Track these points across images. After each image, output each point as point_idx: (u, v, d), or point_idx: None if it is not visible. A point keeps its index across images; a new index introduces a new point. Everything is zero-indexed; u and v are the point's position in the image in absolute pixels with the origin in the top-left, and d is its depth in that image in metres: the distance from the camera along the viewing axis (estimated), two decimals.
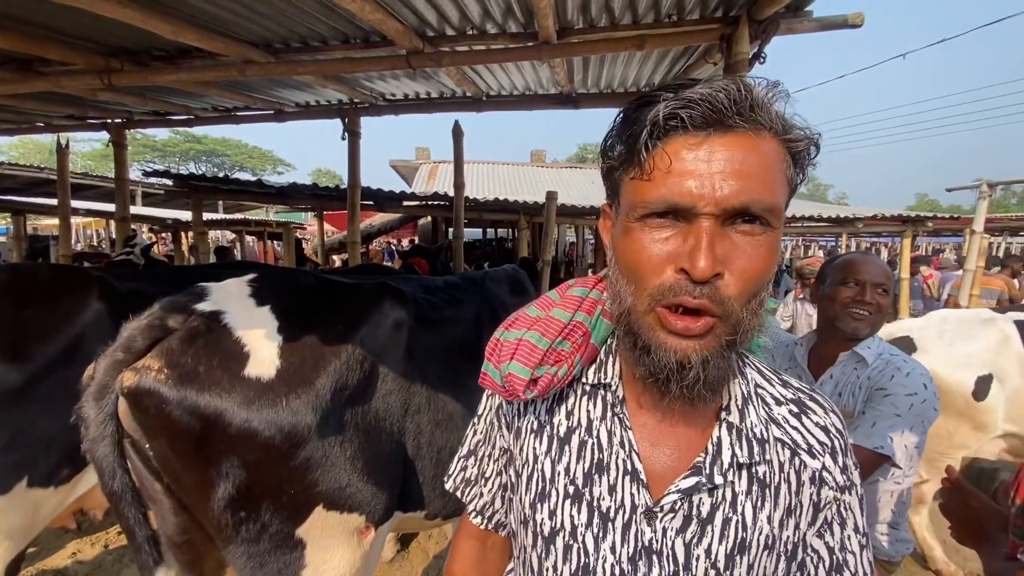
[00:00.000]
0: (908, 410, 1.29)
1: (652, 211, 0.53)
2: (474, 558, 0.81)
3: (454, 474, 0.80)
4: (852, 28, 2.15)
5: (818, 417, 0.64)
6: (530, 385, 0.63)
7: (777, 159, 0.52)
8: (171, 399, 1.07)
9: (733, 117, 0.50)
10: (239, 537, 1.18)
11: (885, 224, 7.64)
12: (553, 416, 0.68)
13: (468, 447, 0.79)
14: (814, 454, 0.62)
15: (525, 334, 0.66)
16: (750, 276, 0.52)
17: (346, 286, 1.45)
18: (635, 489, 0.60)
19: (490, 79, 3.47)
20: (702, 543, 0.58)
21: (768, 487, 0.60)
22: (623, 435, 0.62)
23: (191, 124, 4.48)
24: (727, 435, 0.60)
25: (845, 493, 0.62)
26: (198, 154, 38.56)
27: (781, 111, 0.54)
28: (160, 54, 2.92)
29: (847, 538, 0.62)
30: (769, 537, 0.59)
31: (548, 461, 0.66)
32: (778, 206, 0.52)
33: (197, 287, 1.25)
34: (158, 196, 10.80)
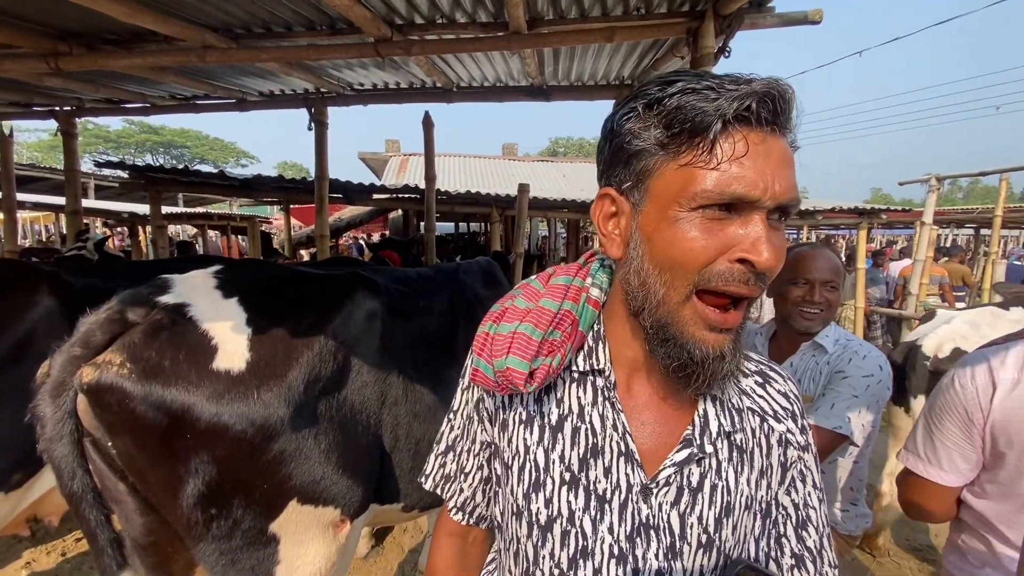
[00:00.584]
0: (865, 391, 1.35)
1: (714, 201, 0.52)
2: (456, 555, 0.81)
3: (432, 472, 0.79)
4: (812, 24, 2.22)
5: (779, 385, 0.70)
6: (529, 378, 0.63)
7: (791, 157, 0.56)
8: (135, 394, 1.03)
9: (788, 118, 0.54)
10: (210, 535, 1.15)
11: (843, 216, 7.94)
12: (543, 405, 0.68)
13: (445, 443, 0.78)
14: (779, 419, 0.67)
15: (518, 327, 0.65)
16: (776, 265, 0.53)
17: (317, 276, 1.43)
18: (630, 469, 0.62)
19: (460, 70, 3.44)
20: (695, 511, 0.62)
21: (744, 452, 0.64)
22: (615, 418, 0.64)
23: (147, 113, 4.28)
24: (712, 407, 0.65)
25: (806, 452, 0.67)
26: (155, 145, 36.91)
27: None
28: (112, 37, 2.78)
29: (808, 494, 0.67)
30: (748, 498, 0.63)
31: (541, 451, 0.66)
32: (799, 205, 0.56)
33: (159, 279, 1.21)
34: (113, 189, 10.31)
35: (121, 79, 3.58)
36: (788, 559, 0.65)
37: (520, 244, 3.82)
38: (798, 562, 0.65)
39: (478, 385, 0.70)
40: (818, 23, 2.20)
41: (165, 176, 4.97)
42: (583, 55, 3.13)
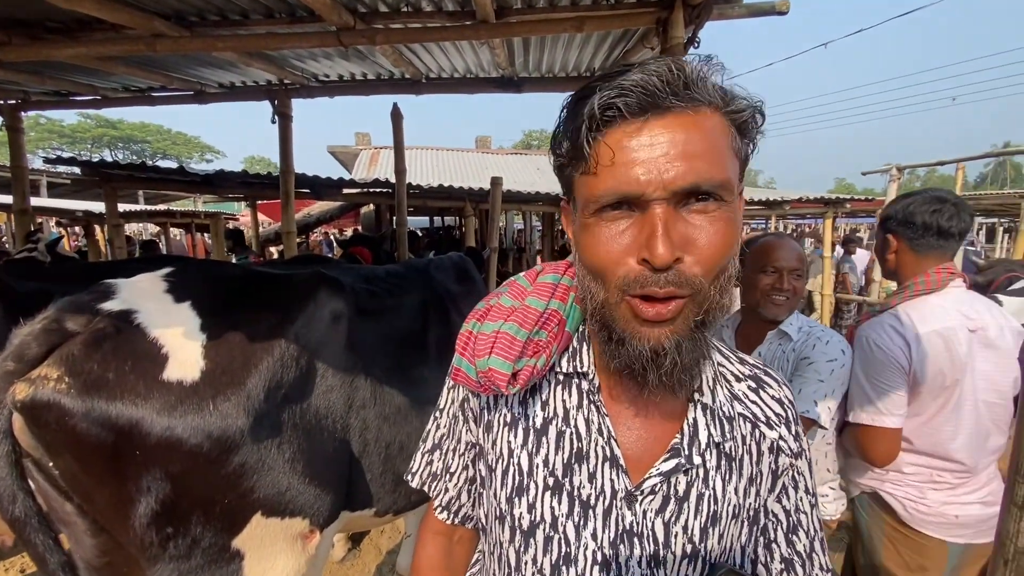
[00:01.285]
0: (830, 375, 1.38)
1: (604, 204, 0.52)
2: (441, 554, 0.79)
3: (419, 469, 0.78)
4: (779, 15, 2.23)
5: (773, 391, 0.67)
6: (512, 380, 0.62)
7: (721, 133, 0.52)
8: (75, 411, 0.95)
9: (668, 98, 0.50)
10: (167, 555, 1.08)
11: (809, 207, 8.16)
12: (528, 408, 0.66)
13: (432, 441, 0.77)
14: (771, 425, 0.65)
15: (502, 326, 0.64)
16: (712, 253, 0.51)
17: (277, 277, 1.36)
18: (615, 475, 0.61)
19: (429, 60, 3.35)
20: (680, 520, 0.60)
21: (734, 460, 0.63)
22: (601, 422, 0.62)
23: (98, 105, 4.05)
24: (702, 416, 0.62)
25: (798, 459, 0.66)
26: (113, 140, 35.38)
27: (718, 84, 0.53)
28: (56, 26, 2.61)
29: (800, 500, 0.66)
30: (736, 507, 0.62)
31: (525, 454, 0.65)
32: (728, 180, 0.51)
33: (102, 284, 1.13)
34: (67, 187, 9.82)
35: (69, 70, 3.37)
36: (777, 564, 0.65)
37: (494, 238, 3.78)
38: (787, 566, 0.65)
39: (461, 385, 0.69)
40: (785, 13, 2.21)
41: (120, 172, 4.73)
42: (553, 46, 3.09)
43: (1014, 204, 9.64)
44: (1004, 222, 16.03)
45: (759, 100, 0.55)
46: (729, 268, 0.54)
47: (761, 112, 0.55)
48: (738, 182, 0.55)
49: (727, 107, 0.53)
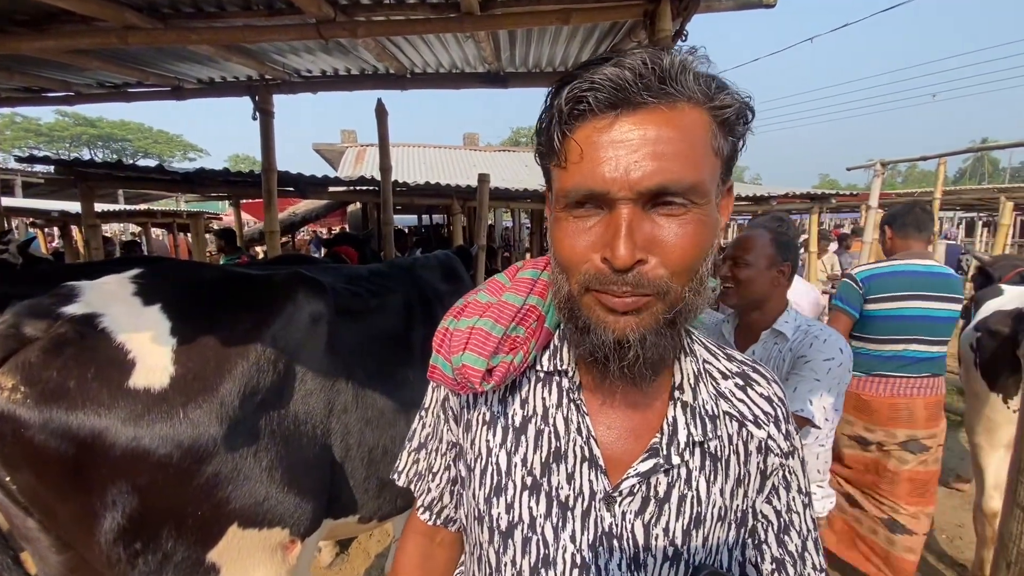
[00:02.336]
0: (826, 374, 1.36)
1: (572, 200, 0.51)
2: (420, 555, 0.78)
3: (405, 468, 0.77)
4: (766, 7, 2.21)
5: (762, 388, 0.65)
6: (486, 376, 0.60)
7: (699, 130, 0.49)
8: (32, 422, 0.90)
9: (640, 93, 0.47)
10: (136, 571, 1.03)
11: (795, 202, 8.23)
12: (507, 406, 0.65)
13: (418, 440, 0.76)
14: (759, 424, 0.63)
15: (477, 322, 0.62)
16: (679, 256, 0.50)
17: (252, 278, 1.30)
18: (593, 476, 0.60)
19: (413, 55, 3.29)
20: (660, 522, 0.58)
21: (719, 460, 0.60)
22: (580, 421, 0.60)
23: (71, 102, 3.93)
24: (681, 414, 0.60)
25: (789, 458, 0.64)
26: (92, 139, 34.67)
27: (704, 77, 0.50)
28: (23, 19, 2.50)
29: (792, 499, 0.64)
30: (722, 509, 0.60)
31: (503, 453, 0.63)
32: (700, 183, 0.49)
33: (64, 287, 1.06)
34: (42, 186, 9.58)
35: (40, 65, 3.26)
36: (768, 564, 0.63)
37: (483, 236, 3.73)
38: (778, 566, 0.62)
39: (435, 381, 0.67)
40: (772, 6, 2.20)
41: (97, 171, 4.60)
42: (540, 40, 3.04)
43: (993, 199, 9.84)
44: (983, 216, 16.37)
45: (747, 95, 0.53)
46: (701, 271, 0.53)
47: (749, 108, 0.53)
48: (719, 181, 0.53)
49: (710, 103, 0.50)
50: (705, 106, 0.50)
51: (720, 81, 0.51)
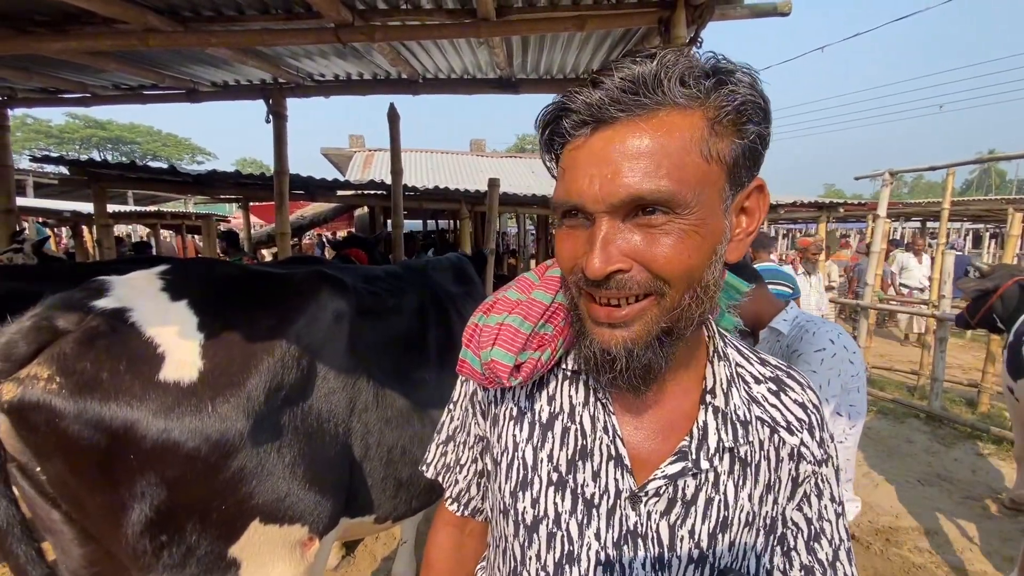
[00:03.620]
0: (820, 365, 1.38)
1: (562, 211, 0.54)
2: (451, 545, 0.80)
3: (433, 461, 0.79)
4: (781, 15, 2.23)
5: (796, 394, 0.64)
6: (514, 372, 0.61)
7: (680, 138, 0.48)
8: (66, 412, 0.91)
9: (609, 108, 0.48)
10: (160, 564, 1.03)
11: (803, 210, 8.22)
12: (534, 402, 0.65)
13: (446, 433, 0.78)
14: (792, 431, 0.62)
15: (507, 318, 0.64)
16: (660, 268, 0.50)
17: (277, 276, 1.32)
18: (619, 474, 0.59)
19: (426, 60, 3.32)
20: (686, 524, 0.58)
21: (749, 466, 0.60)
22: (606, 420, 0.61)
23: (87, 103, 3.98)
24: (712, 419, 0.59)
25: (823, 466, 0.62)
26: (102, 141, 35.00)
27: (696, 79, 0.48)
28: (44, 19, 2.55)
29: (824, 507, 0.63)
30: (750, 514, 0.59)
31: (530, 448, 0.64)
32: (676, 193, 0.47)
33: (95, 281, 1.08)
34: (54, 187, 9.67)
35: (58, 66, 3.30)
36: (797, 572, 0.62)
37: (492, 240, 3.74)
38: (807, 574, 0.61)
39: (463, 375, 0.68)
40: (787, 15, 2.21)
41: (110, 172, 4.65)
42: (552, 46, 3.07)
43: (1001, 210, 9.80)
44: (990, 227, 16.31)
45: (751, 92, 0.50)
46: (705, 277, 0.52)
47: (755, 103, 0.50)
48: (726, 186, 0.51)
49: (703, 104, 0.48)
50: (698, 109, 0.48)
51: (722, 79, 0.49)
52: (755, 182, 0.54)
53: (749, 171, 0.53)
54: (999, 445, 4.03)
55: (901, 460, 3.85)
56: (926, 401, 4.79)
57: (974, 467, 3.76)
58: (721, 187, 0.51)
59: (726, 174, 0.51)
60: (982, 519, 3.10)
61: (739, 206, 0.54)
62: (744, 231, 0.56)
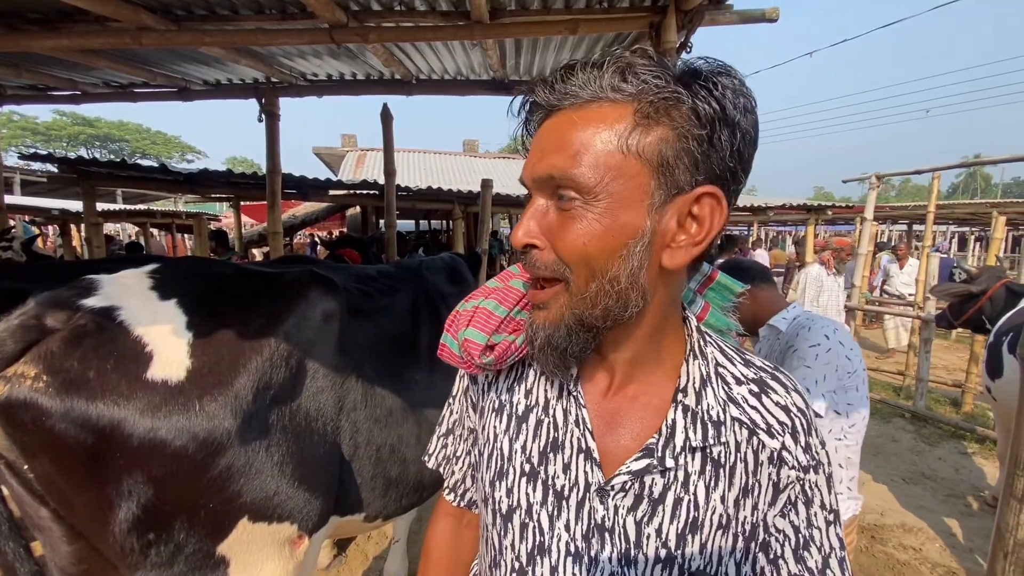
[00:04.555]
0: (815, 360, 1.39)
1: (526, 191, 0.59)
2: (449, 534, 0.82)
3: (435, 452, 0.82)
4: (769, 22, 2.27)
5: (778, 396, 0.62)
6: (486, 351, 0.64)
7: (603, 128, 0.50)
8: (53, 411, 0.91)
9: (554, 99, 0.53)
10: (148, 562, 1.04)
11: (792, 213, 8.31)
12: (513, 395, 0.68)
13: (446, 426, 0.81)
14: (773, 434, 0.60)
15: (482, 302, 0.67)
16: (564, 247, 0.53)
17: (267, 275, 1.32)
18: (588, 468, 0.60)
19: (420, 61, 3.33)
20: (653, 522, 0.58)
21: (723, 467, 0.59)
22: (578, 414, 0.62)
23: (77, 101, 3.95)
24: (682, 418, 0.59)
25: (809, 473, 0.60)
26: (90, 139, 34.58)
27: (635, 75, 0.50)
28: (36, 16, 2.53)
29: (813, 515, 0.60)
30: (723, 516, 0.58)
31: (507, 439, 0.66)
32: (578, 177, 0.50)
33: (84, 280, 1.08)
34: (42, 184, 9.55)
35: (48, 63, 3.28)
36: None
37: (485, 240, 3.76)
38: None
39: (444, 360, 0.71)
40: (775, 21, 2.25)
41: (100, 170, 4.61)
42: (545, 49, 3.10)
43: (985, 213, 9.95)
44: (975, 231, 16.54)
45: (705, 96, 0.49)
46: (611, 270, 0.52)
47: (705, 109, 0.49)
48: (630, 181, 0.50)
49: (636, 100, 0.50)
50: (629, 104, 0.50)
51: (659, 72, 0.50)
52: (702, 188, 0.51)
53: (691, 174, 0.51)
54: (982, 444, 4.10)
55: (886, 459, 3.91)
56: (911, 401, 4.87)
57: (957, 466, 3.82)
58: (642, 183, 0.50)
59: (651, 171, 0.50)
60: (965, 516, 3.16)
61: (685, 211, 0.52)
62: (691, 239, 0.53)
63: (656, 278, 0.55)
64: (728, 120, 0.50)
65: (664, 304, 0.59)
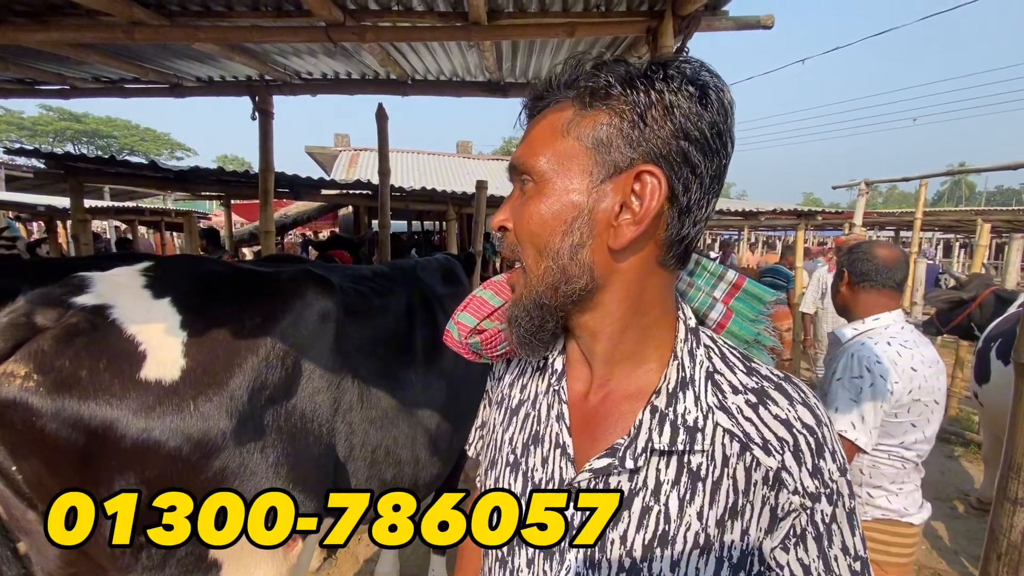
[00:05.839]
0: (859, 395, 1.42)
1: None
2: None
3: (473, 442, 0.86)
4: (764, 28, 2.29)
5: (779, 409, 0.55)
6: (473, 332, 0.70)
7: (554, 121, 0.56)
8: (44, 411, 0.89)
9: (536, 103, 0.60)
10: (139, 565, 1.02)
11: (782, 218, 8.40)
12: (512, 389, 0.71)
13: (480, 419, 0.85)
14: (770, 451, 0.54)
15: (480, 291, 0.74)
16: (520, 225, 0.58)
17: (263, 274, 1.31)
18: (563, 463, 0.61)
19: (416, 61, 3.32)
20: (617, 527, 0.56)
21: (702, 480, 0.54)
22: (560, 409, 0.63)
23: (66, 96, 3.88)
24: (648, 419, 0.57)
25: (820, 502, 0.53)
26: (77, 135, 34.08)
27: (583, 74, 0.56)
28: (24, 9, 2.48)
29: (833, 559, 0.53)
30: (700, 535, 0.54)
31: (500, 431, 0.70)
32: (531, 162, 0.56)
33: (75, 277, 1.06)
34: (28, 180, 9.39)
35: (36, 57, 3.22)
36: None
37: (479, 242, 3.75)
38: None
39: (448, 345, 0.76)
40: (770, 28, 2.27)
41: (88, 166, 4.54)
42: (542, 51, 3.10)
43: (970, 221, 10.12)
44: (960, 238, 16.83)
45: (607, 79, 0.53)
46: (553, 244, 0.56)
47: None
48: (571, 161, 0.55)
49: (579, 93, 0.56)
50: (575, 99, 0.56)
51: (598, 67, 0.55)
52: (640, 166, 0.52)
53: (626, 153, 0.53)
54: (967, 448, 4.17)
55: None
56: None
57: (943, 469, 3.88)
58: (581, 163, 0.55)
59: (589, 152, 0.54)
60: (951, 519, 3.20)
61: (627, 191, 0.53)
62: (633, 218, 0.53)
63: (608, 260, 0.56)
64: (665, 102, 0.51)
65: (632, 294, 0.57)
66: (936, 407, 1.47)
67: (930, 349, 1.52)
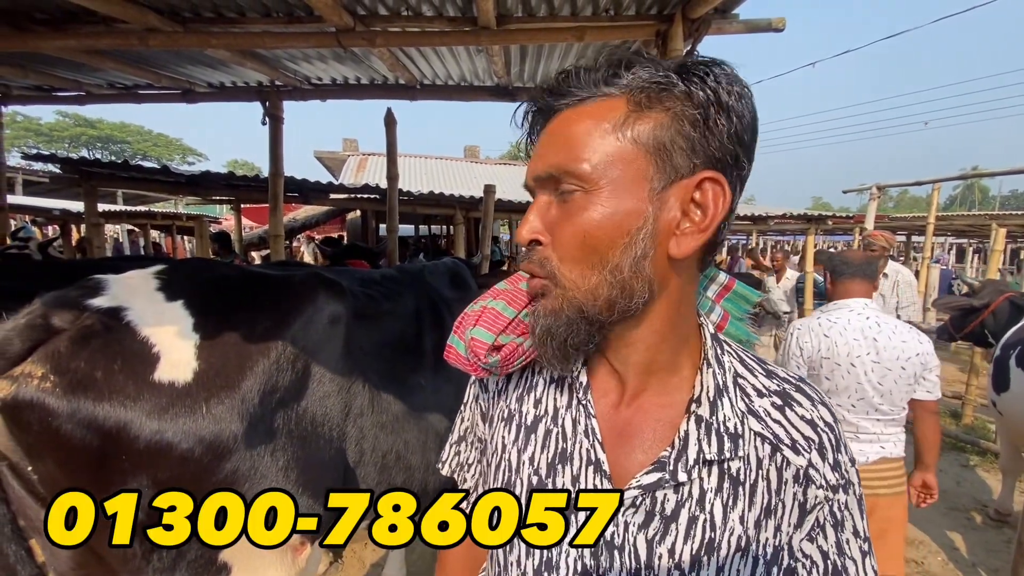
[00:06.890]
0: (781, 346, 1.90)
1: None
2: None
3: (448, 459, 0.80)
4: (775, 31, 2.28)
5: (804, 410, 0.58)
6: (492, 350, 0.62)
7: (600, 120, 0.51)
8: (60, 411, 0.90)
9: (554, 101, 0.55)
10: (150, 567, 1.02)
11: (792, 223, 8.34)
12: (522, 405, 0.65)
13: (458, 434, 0.79)
14: (798, 450, 0.56)
15: (490, 302, 0.66)
16: (563, 238, 0.53)
17: (273, 278, 1.31)
18: (598, 480, 0.57)
19: (425, 66, 3.35)
20: (665, 541, 0.54)
21: (742, 484, 0.55)
22: (587, 424, 0.59)
23: (82, 102, 3.95)
24: (695, 429, 0.56)
25: (839, 493, 0.56)
26: (91, 140, 34.66)
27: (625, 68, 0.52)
28: (43, 17, 2.54)
29: (845, 542, 0.56)
30: (742, 538, 0.54)
31: (515, 450, 0.63)
32: (580, 168, 0.51)
33: (91, 279, 1.07)
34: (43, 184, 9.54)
35: (53, 64, 3.28)
36: None
37: (487, 245, 3.76)
38: None
39: (450, 362, 0.69)
40: (781, 30, 2.26)
41: (102, 170, 4.60)
42: (550, 56, 3.11)
43: (984, 225, 10.00)
44: (973, 243, 16.61)
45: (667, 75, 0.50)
46: (611, 257, 0.51)
47: (704, 94, 0.49)
48: (629, 167, 0.50)
49: (630, 90, 0.51)
50: (622, 95, 0.51)
51: (649, 64, 0.51)
52: (703, 173, 0.51)
53: (689, 158, 0.51)
54: (983, 457, 4.09)
55: None
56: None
57: (959, 478, 3.81)
58: (640, 168, 0.51)
59: (648, 156, 0.51)
60: (967, 530, 3.14)
61: (687, 197, 0.52)
62: (696, 226, 0.52)
63: (665, 269, 0.53)
64: (722, 103, 0.50)
65: (675, 303, 0.56)
66: (852, 369, 1.83)
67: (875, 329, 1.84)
